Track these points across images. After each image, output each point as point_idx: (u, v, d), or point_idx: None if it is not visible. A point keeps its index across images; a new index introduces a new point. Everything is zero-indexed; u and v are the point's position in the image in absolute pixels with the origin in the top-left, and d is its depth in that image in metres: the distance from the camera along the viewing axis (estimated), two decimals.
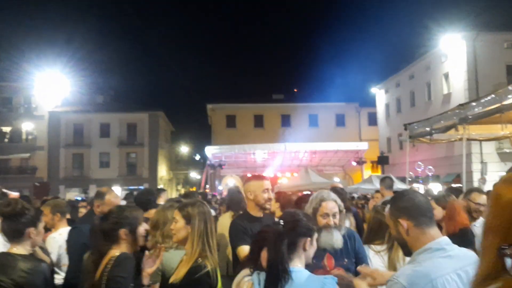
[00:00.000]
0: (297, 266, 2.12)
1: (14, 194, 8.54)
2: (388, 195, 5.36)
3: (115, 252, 2.59)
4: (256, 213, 3.59)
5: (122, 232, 2.66)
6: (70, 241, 3.99)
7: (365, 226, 4.06)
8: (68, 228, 4.31)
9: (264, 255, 2.54)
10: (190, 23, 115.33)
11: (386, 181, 6.16)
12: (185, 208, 2.78)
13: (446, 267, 1.78)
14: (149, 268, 2.80)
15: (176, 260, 2.82)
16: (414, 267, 1.80)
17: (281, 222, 2.19)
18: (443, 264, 1.79)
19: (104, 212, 3.10)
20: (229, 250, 5.06)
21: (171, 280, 2.61)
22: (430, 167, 19.83)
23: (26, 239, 2.67)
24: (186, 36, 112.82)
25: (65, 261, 4.12)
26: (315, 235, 2.26)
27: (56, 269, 4.09)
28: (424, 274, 1.74)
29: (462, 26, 23.93)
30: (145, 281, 2.72)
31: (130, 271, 2.53)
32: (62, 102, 38.27)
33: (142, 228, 2.81)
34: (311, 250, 2.22)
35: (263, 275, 2.20)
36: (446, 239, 1.91)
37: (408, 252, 1.97)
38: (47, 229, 4.13)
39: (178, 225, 2.77)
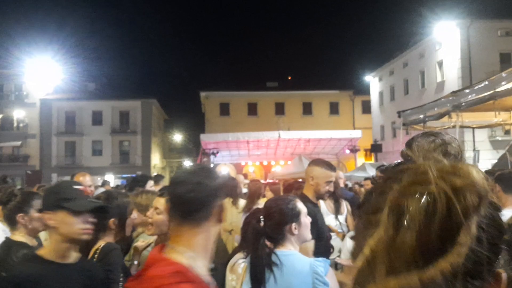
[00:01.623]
0: (289, 249, 2.18)
1: None
2: None
3: (102, 242, 2.46)
4: (313, 199, 3.28)
5: (112, 221, 2.51)
6: None
7: None
8: None
9: None
10: (183, 10, 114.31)
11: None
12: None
13: None
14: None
15: None
16: None
17: (261, 218, 2.24)
18: None
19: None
20: (228, 236, 5.08)
21: None
22: None
23: (19, 226, 2.66)
24: (179, 23, 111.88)
25: None
26: (301, 217, 2.29)
27: None
28: None
29: (456, 14, 23.89)
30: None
31: (118, 261, 2.40)
32: (54, 89, 37.88)
33: (132, 217, 2.68)
34: (301, 230, 2.27)
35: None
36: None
37: None
38: None
39: (161, 217, 2.52)
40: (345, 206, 4.34)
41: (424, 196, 0.49)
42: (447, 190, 0.49)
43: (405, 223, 0.50)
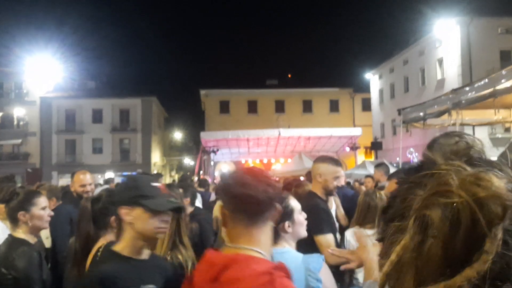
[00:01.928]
0: (284, 247, 2.18)
1: None
2: (384, 180, 5.37)
3: (103, 241, 2.42)
4: (323, 196, 3.27)
5: (112, 219, 2.39)
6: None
7: None
8: None
9: None
10: (183, 8, 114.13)
11: (383, 167, 6.18)
12: None
13: None
14: None
15: None
16: None
17: None
18: None
19: (94, 195, 3.05)
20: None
21: None
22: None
23: (21, 224, 2.69)
24: (179, 21, 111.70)
25: None
26: (294, 214, 2.28)
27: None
28: None
29: (456, 11, 23.86)
30: None
31: None
32: (54, 87, 37.87)
33: None
34: (295, 228, 2.25)
35: None
36: None
37: None
38: None
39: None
40: (332, 201, 4.36)
41: (448, 208, 0.50)
42: (470, 202, 0.49)
43: (431, 234, 0.50)
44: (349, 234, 3.30)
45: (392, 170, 12.16)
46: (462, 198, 0.50)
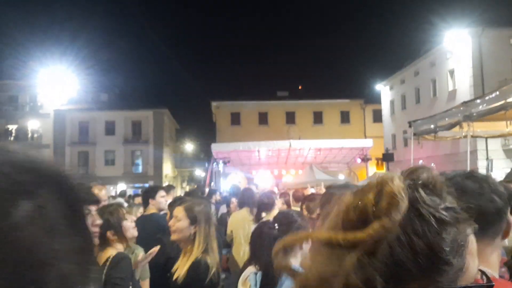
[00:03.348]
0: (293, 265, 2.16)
1: None
2: None
3: (111, 251, 2.57)
4: None
5: (109, 234, 2.65)
6: None
7: None
8: None
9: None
10: (194, 21, 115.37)
11: None
12: (192, 208, 2.80)
13: None
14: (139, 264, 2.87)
15: None
16: None
17: (276, 225, 2.24)
18: None
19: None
20: (243, 249, 5.05)
21: (174, 277, 2.66)
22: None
23: None
24: (190, 34, 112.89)
25: None
26: None
27: None
28: None
29: (467, 22, 23.80)
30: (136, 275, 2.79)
31: (128, 270, 2.50)
32: (68, 100, 38.42)
33: (127, 222, 2.79)
34: (307, 246, 2.27)
35: (259, 275, 2.25)
36: None
37: None
38: None
39: (182, 224, 2.77)
40: None
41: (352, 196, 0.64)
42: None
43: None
44: None
45: None
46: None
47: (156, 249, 3.01)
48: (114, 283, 2.37)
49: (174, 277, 2.65)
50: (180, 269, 2.67)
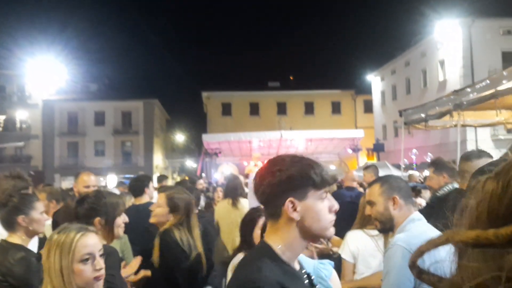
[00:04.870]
0: None
1: None
2: None
3: None
4: None
5: (97, 221, 2.41)
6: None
7: None
8: None
9: (256, 236, 2.56)
10: (184, 11, 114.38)
11: (372, 169, 6.18)
12: (173, 197, 2.95)
13: (430, 232, 2.08)
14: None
15: None
16: (406, 233, 2.14)
17: None
18: (426, 229, 2.16)
19: (81, 195, 2.93)
20: (229, 237, 5.06)
21: (154, 261, 2.77)
22: (430, 153, 19.90)
23: (19, 228, 2.59)
24: (180, 23, 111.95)
25: None
26: None
27: None
28: (417, 235, 2.02)
29: (458, 13, 23.84)
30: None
31: (118, 265, 2.33)
32: (56, 90, 37.98)
33: (121, 219, 2.55)
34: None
35: None
36: (418, 213, 2.28)
37: (388, 228, 2.30)
38: None
39: (161, 210, 2.94)
40: None
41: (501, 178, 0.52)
42: None
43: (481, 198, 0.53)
44: (349, 236, 3.28)
45: (394, 172, 12.15)
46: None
47: (137, 262, 2.88)
48: (106, 280, 2.13)
49: (154, 261, 2.78)
50: (156, 249, 2.80)
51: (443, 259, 0.57)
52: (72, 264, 1.75)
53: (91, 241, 1.83)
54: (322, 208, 1.36)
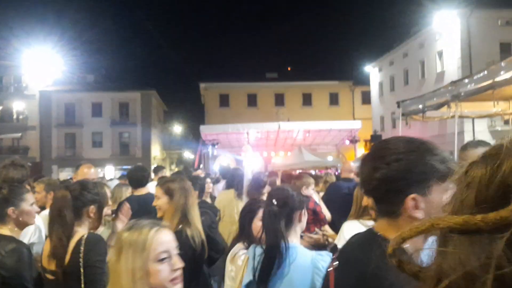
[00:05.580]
0: (292, 242, 2.14)
1: None
2: None
3: (81, 231, 2.37)
4: None
5: (91, 209, 2.45)
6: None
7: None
8: None
9: (255, 227, 2.57)
10: (182, 1, 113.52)
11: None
12: (167, 185, 3.04)
13: None
14: None
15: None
16: None
17: (274, 201, 2.19)
18: None
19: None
20: (232, 227, 5.05)
21: None
22: None
23: (9, 220, 2.59)
24: (178, 14, 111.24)
25: None
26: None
27: None
28: None
29: (456, 3, 23.77)
30: None
31: (105, 252, 2.31)
32: (53, 81, 37.79)
33: (107, 208, 2.65)
34: (305, 219, 2.27)
35: (258, 250, 2.21)
36: None
37: None
38: (43, 208, 3.99)
39: (162, 201, 3.03)
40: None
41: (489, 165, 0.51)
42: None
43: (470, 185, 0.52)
44: (346, 227, 3.29)
45: None
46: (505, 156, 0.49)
47: None
48: (94, 265, 2.22)
49: None
50: None
51: (423, 247, 0.55)
52: (147, 264, 1.57)
53: (166, 238, 1.66)
54: None
